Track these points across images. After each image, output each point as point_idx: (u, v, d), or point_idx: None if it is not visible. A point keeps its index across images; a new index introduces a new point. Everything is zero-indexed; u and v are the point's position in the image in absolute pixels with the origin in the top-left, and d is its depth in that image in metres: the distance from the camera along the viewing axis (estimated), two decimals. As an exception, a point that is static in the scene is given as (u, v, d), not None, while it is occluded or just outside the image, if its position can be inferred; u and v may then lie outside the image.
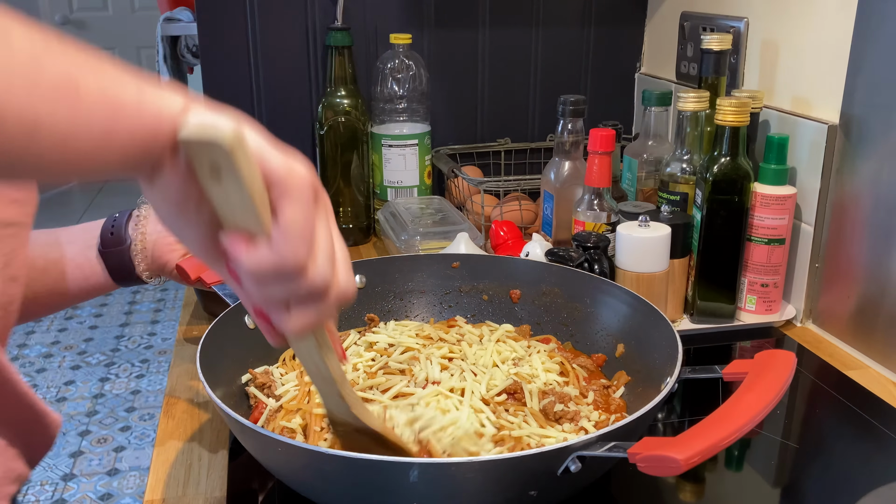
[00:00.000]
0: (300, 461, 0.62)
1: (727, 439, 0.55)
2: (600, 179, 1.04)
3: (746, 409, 0.58)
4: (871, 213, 0.94)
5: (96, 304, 3.40)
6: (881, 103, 0.92)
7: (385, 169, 1.33)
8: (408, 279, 0.95)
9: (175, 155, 0.42)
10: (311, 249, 0.44)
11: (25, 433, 0.68)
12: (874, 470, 0.77)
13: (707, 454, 0.54)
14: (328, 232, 0.46)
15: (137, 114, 0.40)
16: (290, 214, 0.43)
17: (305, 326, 0.46)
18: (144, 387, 2.78)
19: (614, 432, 0.59)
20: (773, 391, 0.60)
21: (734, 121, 0.94)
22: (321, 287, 0.45)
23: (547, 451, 0.57)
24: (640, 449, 0.55)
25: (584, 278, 0.89)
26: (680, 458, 0.53)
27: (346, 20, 1.32)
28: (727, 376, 0.68)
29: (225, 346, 0.77)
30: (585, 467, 0.58)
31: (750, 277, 1.02)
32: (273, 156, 0.44)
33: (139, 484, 2.27)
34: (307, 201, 0.44)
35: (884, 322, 0.94)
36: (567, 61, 1.46)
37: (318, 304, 0.46)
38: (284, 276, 0.44)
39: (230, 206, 0.43)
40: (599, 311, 0.87)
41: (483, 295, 0.94)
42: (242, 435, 0.66)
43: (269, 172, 0.43)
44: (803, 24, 1.05)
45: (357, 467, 0.58)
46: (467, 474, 0.57)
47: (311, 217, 0.44)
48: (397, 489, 0.59)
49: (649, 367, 0.77)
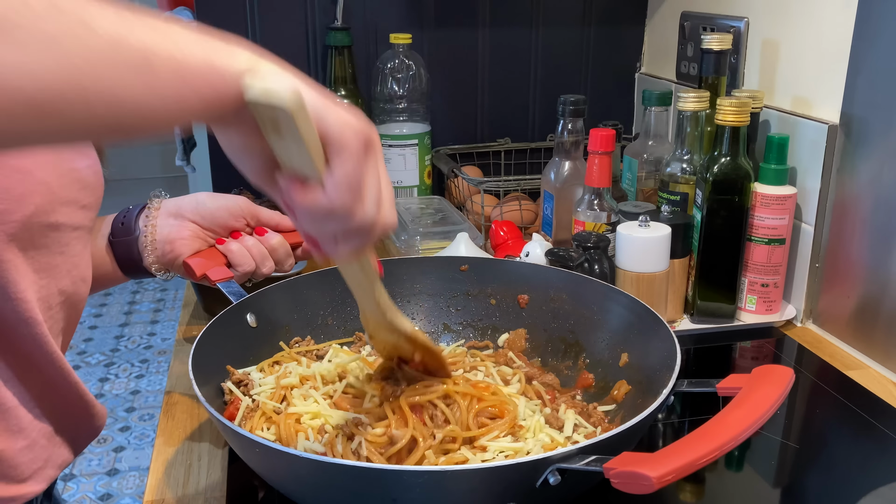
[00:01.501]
0: (278, 464, 0.62)
1: (705, 458, 0.53)
2: (600, 179, 1.04)
3: (730, 427, 0.56)
4: (871, 213, 0.94)
5: (96, 304, 3.40)
6: (881, 103, 0.92)
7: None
8: (415, 281, 0.94)
9: (241, 109, 0.46)
10: (359, 196, 0.50)
11: (73, 422, 0.71)
12: (874, 470, 0.77)
13: (682, 473, 0.51)
14: (377, 176, 0.51)
15: (206, 79, 0.44)
16: (342, 168, 0.48)
17: (351, 255, 0.55)
18: (144, 387, 2.78)
19: (597, 445, 0.58)
20: (760, 410, 0.58)
21: (734, 121, 0.94)
22: (367, 226, 0.51)
23: (525, 462, 0.56)
24: (615, 464, 0.53)
25: (592, 285, 0.88)
26: (653, 476, 0.51)
27: (346, 20, 1.32)
28: (721, 391, 0.66)
29: (223, 345, 0.77)
30: (565, 481, 0.57)
31: (750, 277, 1.02)
32: (329, 113, 0.48)
33: (139, 484, 2.27)
34: (358, 155, 0.49)
35: (884, 322, 0.93)
36: (567, 61, 1.46)
37: (363, 238, 0.52)
38: (335, 218, 0.50)
39: (289, 155, 0.48)
40: (606, 318, 0.85)
41: (491, 299, 0.93)
42: (224, 433, 0.66)
43: (325, 129, 0.48)
44: (803, 24, 1.05)
45: (332, 473, 0.58)
46: (445, 483, 0.57)
47: (360, 169, 0.49)
48: (373, 496, 0.58)
49: (650, 377, 0.76)
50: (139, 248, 0.82)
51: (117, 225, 0.83)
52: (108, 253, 0.83)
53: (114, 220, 0.84)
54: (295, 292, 0.88)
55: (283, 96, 0.45)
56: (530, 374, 0.84)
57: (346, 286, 0.64)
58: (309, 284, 0.89)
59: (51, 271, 0.64)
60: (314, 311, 0.89)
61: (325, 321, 0.90)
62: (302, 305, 0.88)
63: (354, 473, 0.57)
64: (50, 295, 0.65)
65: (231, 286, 0.82)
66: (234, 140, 0.50)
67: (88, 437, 0.74)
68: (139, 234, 0.82)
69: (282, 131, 0.47)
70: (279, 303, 0.85)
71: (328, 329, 0.90)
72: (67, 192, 0.64)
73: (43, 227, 0.62)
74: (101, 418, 0.75)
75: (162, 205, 0.84)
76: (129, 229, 0.82)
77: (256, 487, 0.74)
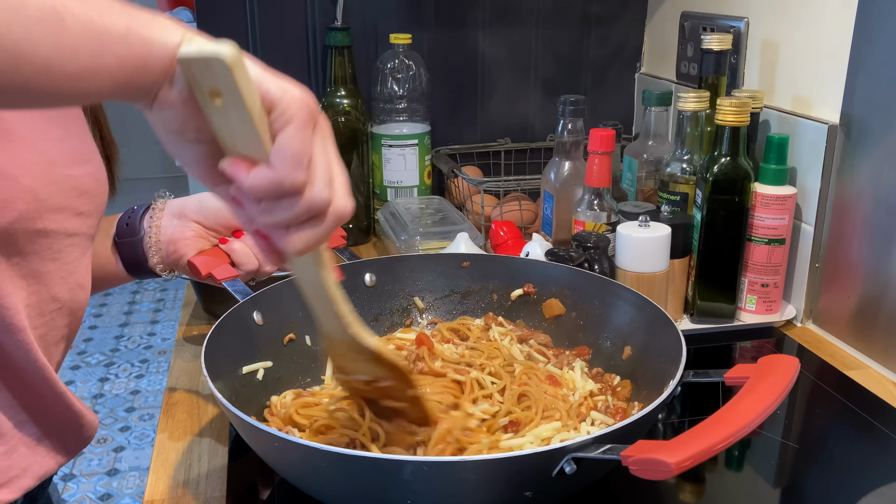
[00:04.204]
0: (296, 457, 0.62)
1: (721, 444, 0.54)
2: (600, 179, 1.04)
3: (743, 414, 0.57)
4: (871, 213, 0.94)
5: (96, 304, 3.40)
6: (881, 103, 0.92)
7: (385, 169, 1.33)
8: (417, 278, 0.95)
9: (173, 82, 0.44)
10: (308, 172, 0.46)
11: (60, 431, 0.70)
12: (874, 470, 0.77)
13: (699, 458, 0.53)
14: (326, 155, 0.48)
15: (125, 42, 0.42)
16: (288, 138, 0.45)
17: (305, 245, 0.49)
18: (144, 387, 2.78)
19: (611, 434, 0.59)
20: (771, 397, 0.59)
21: (734, 121, 0.94)
22: (319, 207, 0.47)
23: (542, 452, 0.57)
24: (633, 452, 0.55)
25: (594, 280, 0.89)
26: (671, 462, 0.52)
27: (346, 20, 1.32)
28: (729, 380, 0.67)
29: (231, 343, 0.77)
30: (581, 469, 0.57)
31: (750, 277, 1.02)
32: (271, 80, 0.45)
33: (139, 484, 2.27)
34: (304, 125, 0.46)
35: (884, 322, 0.93)
36: (567, 61, 1.46)
37: (316, 224, 0.48)
38: (283, 196, 0.46)
39: (230, 129, 0.45)
40: (609, 313, 0.86)
41: (493, 295, 0.94)
42: (242, 429, 0.66)
43: (268, 95, 0.45)
44: (803, 24, 1.05)
45: (351, 464, 0.58)
46: (462, 473, 0.57)
47: (308, 140, 0.46)
48: (392, 487, 0.59)
49: (654, 369, 0.76)
50: (144, 248, 0.82)
51: (122, 225, 0.83)
52: (113, 253, 0.83)
53: (119, 221, 0.84)
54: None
55: (222, 49, 0.42)
56: (523, 336, 0.86)
57: (345, 284, 0.62)
58: None
59: (41, 278, 0.63)
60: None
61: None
62: None
63: (373, 465, 0.57)
64: (42, 301, 0.64)
65: (236, 285, 0.83)
66: (169, 123, 0.46)
67: (77, 447, 0.72)
68: (144, 234, 0.82)
69: (222, 96, 0.43)
70: (285, 300, 0.86)
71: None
72: (59, 199, 0.63)
73: (29, 234, 0.61)
74: (92, 428, 0.73)
75: (166, 205, 0.84)
76: (133, 230, 0.82)
77: (257, 487, 0.74)
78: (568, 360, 0.84)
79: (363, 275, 0.93)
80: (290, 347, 0.85)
